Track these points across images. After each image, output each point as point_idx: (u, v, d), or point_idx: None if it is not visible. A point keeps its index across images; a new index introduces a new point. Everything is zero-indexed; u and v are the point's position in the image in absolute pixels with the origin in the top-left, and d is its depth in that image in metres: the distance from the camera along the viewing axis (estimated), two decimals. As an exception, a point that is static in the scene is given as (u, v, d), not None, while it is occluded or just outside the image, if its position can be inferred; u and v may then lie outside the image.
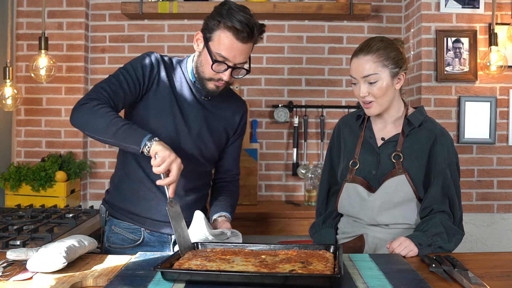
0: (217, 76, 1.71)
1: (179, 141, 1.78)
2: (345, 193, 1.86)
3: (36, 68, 2.82)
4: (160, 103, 1.76)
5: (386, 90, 1.75)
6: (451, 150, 1.80)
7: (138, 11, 3.04)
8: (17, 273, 1.38)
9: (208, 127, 1.84)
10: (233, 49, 1.66)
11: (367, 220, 1.81)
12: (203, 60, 1.72)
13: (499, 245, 2.91)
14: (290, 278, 1.24)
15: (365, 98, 1.77)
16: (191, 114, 1.80)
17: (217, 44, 1.66)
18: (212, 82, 1.73)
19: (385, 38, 1.80)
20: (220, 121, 1.88)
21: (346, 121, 1.97)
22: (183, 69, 1.83)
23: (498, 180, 2.94)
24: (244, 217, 2.85)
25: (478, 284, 1.29)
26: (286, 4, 3.07)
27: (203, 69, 1.73)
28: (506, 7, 2.92)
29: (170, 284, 1.28)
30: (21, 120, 3.15)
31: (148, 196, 1.81)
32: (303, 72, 3.29)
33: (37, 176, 2.76)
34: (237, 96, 1.99)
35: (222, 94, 1.83)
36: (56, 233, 2.08)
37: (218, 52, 1.67)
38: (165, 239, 1.85)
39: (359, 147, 1.87)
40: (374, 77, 1.73)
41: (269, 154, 3.29)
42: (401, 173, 1.75)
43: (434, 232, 1.68)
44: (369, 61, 1.73)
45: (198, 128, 1.81)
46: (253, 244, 1.56)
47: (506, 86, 2.93)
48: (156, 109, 1.76)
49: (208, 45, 1.68)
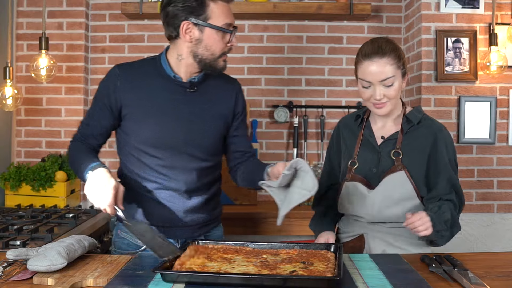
0: (228, 46, 1.71)
1: (169, 142, 1.73)
2: (345, 192, 1.86)
3: (36, 68, 2.82)
4: (140, 110, 1.73)
5: (399, 90, 1.77)
6: (450, 147, 1.81)
7: (138, 11, 3.04)
8: (17, 273, 1.38)
9: (200, 120, 1.76)
10: (229, 12, 1.70)
11: (367, 218, 1.81)
12: (208, 43, 1.68)
13: (499, 245, 2.91)
14: (290, 280, 1.24)
15: (380, 101, 1.75)
16: (174, 112, 1.74)
17: (218, 16, 1.66)
18: (222, 58, 1.72)
19: (388, 39, 1.80)
20: (213, 109, 1.79)
21: (346, 122, 1.97)
22: (157, 67, 1.76)
23: (498, 180, 2.94)
24: (244, 217, 2.85)
25: (478, 284, 1.29)
26: (286, 4, 3.07)
27: (213, 50, 1.69)
28: (506, 7, 2.92)
29: (170, 284, 1.28)
30: (21, 120, 3.15)
31: (147, 204, 1.77)
32: (303, 72, 3.28)
33: (37, 176, 2.76)
34: (227, 76, 1.88)
35: (209, 79, 1.78)
36: (56, 233, 2.08)
37: (224, 23, 1.67)
38: None
39: (358, 147, 1.87)
40: (391, 80, 1.73)
41: (269, 154, 3.29)
42: (400, 169, 1.76)
43: (445, 219, 1.67)
44: (387, 64, 1.72)
45: (187, 125, 1.75)
46: (255, 242, 1.56)
47: (506, 86, 2.93)
48: (139, 118, 1.73)
49: (209, 24, 1.65)
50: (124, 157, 1.81)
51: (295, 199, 1.54)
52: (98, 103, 1.78)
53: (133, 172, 1.78)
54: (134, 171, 1.77)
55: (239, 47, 3.26)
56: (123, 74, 1.75)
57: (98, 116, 1.77)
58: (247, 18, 3.23)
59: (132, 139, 1.75)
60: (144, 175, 1.76)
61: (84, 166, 1.62)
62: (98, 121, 1.78)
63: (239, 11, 3.06)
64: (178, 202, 1.76)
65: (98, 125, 1.78)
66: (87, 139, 1.81)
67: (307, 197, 1.53)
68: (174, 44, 1.73)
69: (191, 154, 1.76)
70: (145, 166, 1.75)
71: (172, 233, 1.78)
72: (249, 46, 3.27)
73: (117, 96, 1.73)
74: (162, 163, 1.74)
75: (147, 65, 1.78)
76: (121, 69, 1.76)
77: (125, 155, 1.80)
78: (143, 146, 1.73)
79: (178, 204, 1.76)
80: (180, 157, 1.74)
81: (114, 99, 1.74)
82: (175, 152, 1.74)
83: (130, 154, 1.77)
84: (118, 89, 1.73)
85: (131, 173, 1.79)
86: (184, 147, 1.74)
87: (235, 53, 3.26)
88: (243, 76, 3.27)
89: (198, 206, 1.79)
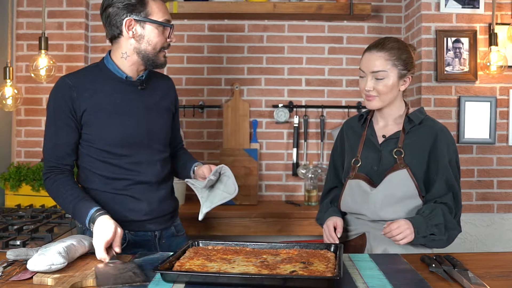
0: (166, 42, 1.80)
1: (134, 141, 1.79)
2: (348, 190, 1.88)
3: (36, 68, 2.82)
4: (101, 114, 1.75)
5: (391, 88, 1.80)
6: (451, 148, 1.82)
7: (138, 11, 3.03)
8: (17, 273, 1.38)
9: (154, 114, 1.86)
10: (166, 10, 1.80)
11: (369, 216, 1.81)
12: (150, 38, 1.76)
13: (499, 245, 2.91)
14: (289, 280, 1.24)
15: (369, 93, 1.81)
16: (133, 110, 1.80)
17: (157, 13, 1.75)
18: (162, 53, 1.80)
19: (400, 40, 1.85)
20: (161, 103, 1.90)
21: (350, 123, 2.02)
22: (105, 72, 1.80)
23: (498, 180, 2.94)
24: (244, 217, 2.85)
25: (478, 284, 1.29)
26: (286, 4, 3.07)
27: (154, 44, 1.77)
28: (506, 7, 2.92)
29: (170, 284, 1.28)
30: (21, 120, 3.15)
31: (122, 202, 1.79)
32: (303, 72, 3.28)
33: (37, 176, 2.76)
34: (160, 74, 2.01)
35: (150, 76, 1.88)
36: (56, 233, 2.09)
37: (164, 18, 1.76)
38: (149, 237, 1.84)
39: (361, 146, 1.90)
40: (382, 74, 1.78)
41: (269, 154, 3.29)
42: (402, 167, 1.78)
43: (435, 222, 1.69)
44: (381, 57, 1.78)
45: (146, 120, 1.82)
46: (255, 242, 1.57)
47: (506, 86, 2.93)
48: (101, 122, 1.75)
49: (151, 19, 1.74)
50: (88, 165, 1.81)
51: (216, 200, 1.78)
52: (58, 121, 1.75)
53: (101, 175, 1.79)
54: (103, 174, 1.79)
55: (239, 47, 3.27)
56: (75, 84, 1.75)
57: (63, 132, 1.75)
58: (247, 18, 3.23)
59: (97, 144, 1.77)
60: (114, 176, 1.79)
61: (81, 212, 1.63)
62: (66, 138, 1.76)
63: (239, 11, 3.06)
64: (151, 194, 1.83)
65: (67, 143, 1.76)
66: (63, 159, 1.77)
67: (228, 199, 1.78)
68: (117, 43, 1.79)
69: (153, 147, 1.85)
70: (113, 166, 1.78)
71: (151, 226, 1.84)
72: (249, 46, 3.27)
73: (76, 106, 1.74)
74: (130, 160, 1.80)
75: (94, 71, 1.82)
76: (71, 79, 1.77)
77: (88, 163, 1.80)
78: (109, 148, 1.77)
79: (151, 196, 1.83)
80: (144, 151, 1.82)
81: (74, 111, 1.74)
82: (140, 147, 1.81)
83: (95, 159, 1.79)
84: (76, 99, 1.74)
85: (99, 178, 1.79)
86: (147, 141, 1.83)
87: (235, 53, 3.27)
88: (243, 76, 3.27)
89: (167, 196, 1.91)
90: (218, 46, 3.26)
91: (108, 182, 1.79)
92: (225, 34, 3.28)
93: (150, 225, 1.84)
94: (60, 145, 1.77)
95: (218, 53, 3.27)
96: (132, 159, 1.80)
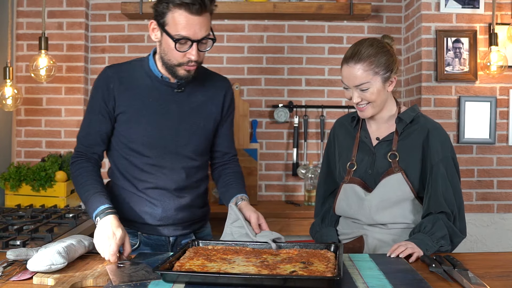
0: (185, 58, 1.63)
1: (159, 144, 1.76)
2: (343, 194, 1.85)
3: (36, 68, 2.82)
4: (133, 111, 1.74)
5: (378, 94, 1.75)
6: (444, 145, 1.77)
7: (138, 11, 3.04)
8: (17, 273, 1.38)
9: (187, 120, 1.78)
10: (191, 25, 1.58)
11: (365, 220, 1.80)
12: (165, 48, 1.65)
13: (499, 245, 2.91)
14: (289, 280, 1.24)
15: (359, 105, 1.77)
16: (165, 112, 1.75)
17: (174, 25, 1.59)
18: (182, 68, 1.66)
19: (375, 42, 1.76)
20: (201, 109, 1.80)
21: (342, 122, 1.98)
22: (145, 68, 1.78)
23: (498, 180, 2.94)
24: (244, 217, 2.85)
25: (478, 284, 1.29)
26: (286, 4, 3.07)
27: (168, 57, 1.66)
28: (506, 7, 2.92)
29: (170, 285, 1.28)
30: (21, 120, 3.15)
31: (139, 203, 1.78)
32: (303, 72, 3.28)
33: (37, 176, 2.76)
34: (216, 75, 1.90)
35: (197, 78, 1.76)
36: (56, 233, 2.08)
37: (177, 33, 1.59)
38: (163, 241, 1.83)
39: (355, 149, 1.87)
40: (366, 85, 1.73)
41: (269, 154, 3.29)
42: (397, 171, 1.75)
43: (440, 235, 1.66)
44: (360, 69, 1.71)
45: (176, 124, 1.76)
46: (255, 242, 1.56)
47: (506, 86, 2.93)
48: (131, 118, 1.75)
49: (165, 30, 1.61)
50: (114, 159, 1.82)
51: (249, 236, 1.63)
52: (94, 110, 1.77)
53: (124, 173, 1.79)
54: (125, 172, 1.79)
55: (239, 47, 3.27)
56: (115, 76, 1.76)
57: (97, 122, 1.77)
58: (247, 18, 3.23)
59: (122, 139, 1.77)
60: (135, 175, 1.78)
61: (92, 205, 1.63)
62: (98, 127, 1.77)
63: (239, 11, 3.06)
64: (169, 201, 1.79)
65: (99, 131, 1.77)
66: (92, 148, 1.78)
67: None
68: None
69: (181, 153, 1.78)
70: (134, 166, 1.77)
71: (165, 231, 1.81)
72: (249, 46, 3.27)
73: (110, 97, 1.74)
74: (151, 162, 1.76)
75: (136, 66, 1.80)
76: (112, 71, 1.77)
77: (115, 158, 1.81)
78: (135, 146, 1.75)
79: (169, 203, 1.79)
80: (169, 156, 1.77)
81: (108, 101, 1.75)
82: (165, 152, 1.76)
83: (121, 156, 1.79)
84: (112, 91, 1.74)
85: (122, 175, 1.80)
86: (174, 146, 1.77)
87: (235, 53, 3.27)
88: (243, 76, 3.27)
89: (188, 204, 1.83)
90: (218, 46, 3.26)
91: (131, 180, 1.78)
92: (225, 34, 3.28)
93: (164, 230, 1.81)
94: (91, 133, 1.77)
95: (218, 53, 3.27)
96: (154, 162, 1.76)
